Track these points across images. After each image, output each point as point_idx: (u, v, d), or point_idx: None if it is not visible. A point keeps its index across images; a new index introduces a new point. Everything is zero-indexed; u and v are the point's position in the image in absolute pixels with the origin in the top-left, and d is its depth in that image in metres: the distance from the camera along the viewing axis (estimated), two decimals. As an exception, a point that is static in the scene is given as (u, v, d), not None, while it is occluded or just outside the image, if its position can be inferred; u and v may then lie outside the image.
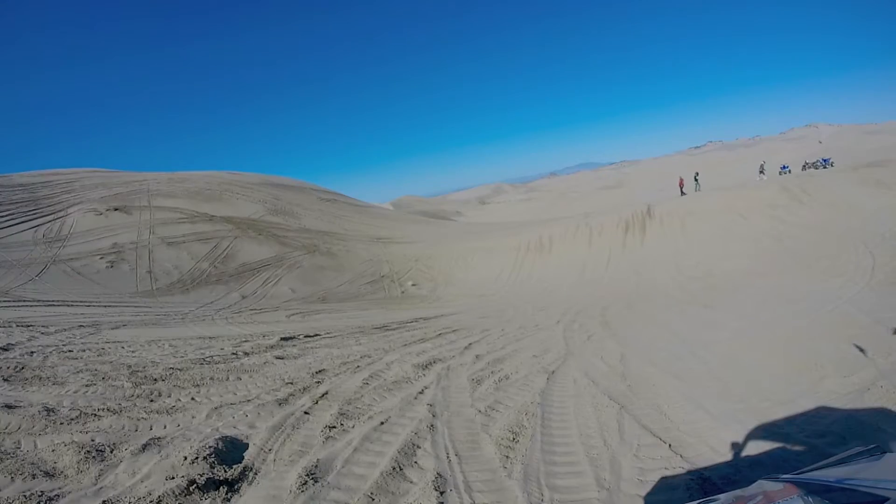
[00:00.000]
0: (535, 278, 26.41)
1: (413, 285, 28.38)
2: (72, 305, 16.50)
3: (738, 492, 2.27)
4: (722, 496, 2.29)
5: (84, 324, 12.67)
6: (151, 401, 6.39)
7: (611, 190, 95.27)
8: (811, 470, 2.27)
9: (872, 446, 2.33)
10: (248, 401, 6.53)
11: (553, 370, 8.43)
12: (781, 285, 14.92)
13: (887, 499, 1.58)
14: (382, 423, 5.95)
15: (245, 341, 11.00)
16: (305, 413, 6.18)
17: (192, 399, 6.55)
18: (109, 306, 17.33)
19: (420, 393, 7.18)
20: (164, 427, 5.61)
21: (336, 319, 17.41)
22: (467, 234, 42.25)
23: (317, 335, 12.20)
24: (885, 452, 2.21)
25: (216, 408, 6.22)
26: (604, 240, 28.38)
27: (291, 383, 7.40)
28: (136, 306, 18.22)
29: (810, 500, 1.80)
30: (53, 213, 31.63)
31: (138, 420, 5.72)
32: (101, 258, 25.18)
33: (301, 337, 11.75)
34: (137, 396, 6.50)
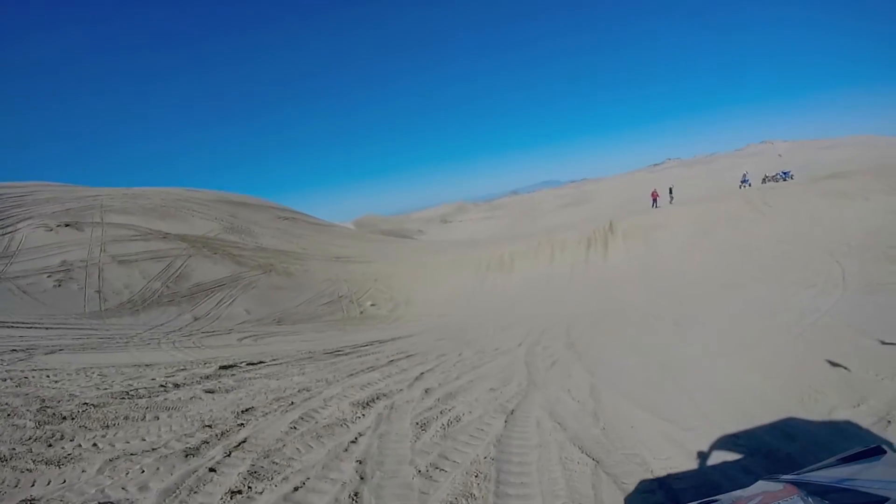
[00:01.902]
0: (497, 296, 25.40)
1: (372, 305, 27.25)
2: (12, 327, 15.31)
3: (738, 492, 2.25)
4: (722, 496, 2.24)
5: (18, 347, 11.91)
6: (49, 445, 5.56)
7: (573, 207, 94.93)
8: (811, 470, 2.25)
9: (872, 446, 2.28)
10: (154, 449, 5.55)
11: (513, 408, 7.22)
12: (753, 298, 14.22)
13: (887, 499, 1.56)
14: (296, 489, 4.78)
15: (182, 370, 9.99)
16: (211, 470, 5.07)
17: (94, 445, 5.64)
18: (51, 328, 16.19)
19: (353, 442, 5.95)
20: (48, 484, 4.76)
21: (289, 343, 16.40)
22: (428, 252, 41.04)
23: (261, 362, 11.11)
24: (885, 453, 2.19)
25: (112, 459, 5.25)
26: (566, 256, 27.76)
27: (210, 426, 6.31)
28: (80, 329, 17.12)
29: (810, 500, 1.79)
30: (2, 227, 29.68)
31: (23, 472, 4.94)
32: (49, 276, 23.68)
33: (243, 365, 10.70)
34: (36, 439, 5.69)
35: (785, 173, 38.30)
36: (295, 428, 6.35)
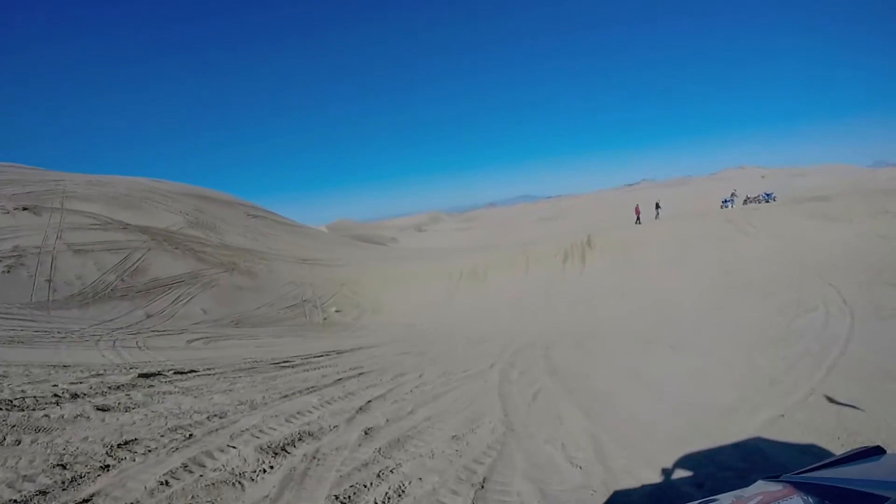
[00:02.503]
0: (469, 308, 24.12)
1: (337, 311, 25.98)
2: (-55, 312, 13.87)
3: (738, 492, 2.20)
4: (722, 496, 2.17)
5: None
6: None
7: (550, 221, 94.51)
8: (811, 470, 2.19)
9: (872, 446, 2.24)
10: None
11: (483, 477, 5.24)
12: (750, 320, 13.13)
13: (887, 499, 1.56)
14: None
15: (97, 375, 8.52)
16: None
17: None
18: (-12, 316, 15.07)
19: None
20: None
21: (240, 348, 14.97)
22: (400, 259, 39.74)
23: (192, 371, 9.54)
24: (885, 453, 2.18)
25: None
26: (541, 269, 26.69)
27: (65, 465, 4.76)
28: (19, 319, 16.08)
29: (810, 500, 1.80)
30: (-44, 208, 28.29)
31: None
32: (-1, 261, 22.30)
33: (169, 373, 9.12)
34: None
35: (767, 195, 37.60)
36: (167, 483, 4.68)
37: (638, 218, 35.81)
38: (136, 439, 5.61)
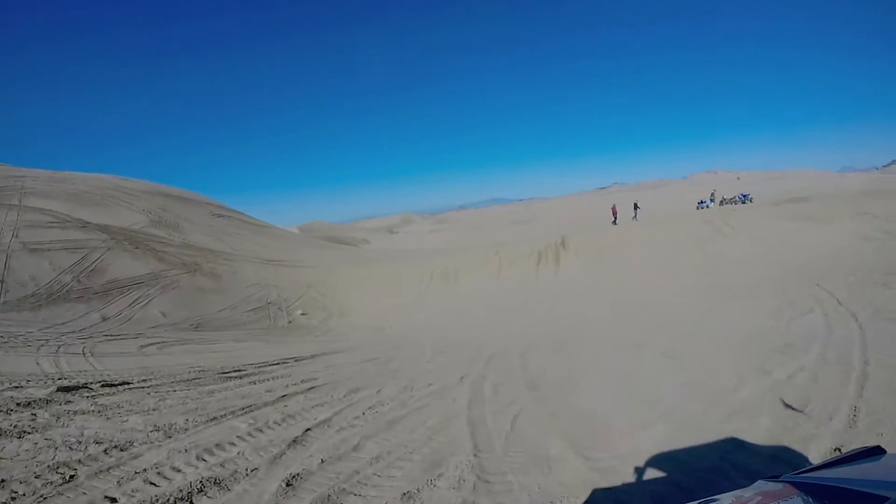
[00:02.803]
0: (439, 311, 23.17)
1: (303, 314, 25.03)
2: None
3: (738, 492, 2.17)
4: (721, 496, 2.13)
5: None
6: None
7: (522, 224, 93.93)
8: (811, 470, 2.20)
9: (872, 446, 2.23)
10: None
11: None
12: (742, 323, 12.00)
13: (887, 499, 1.54)
14: None
15: (14, 387, 7.79)
16: None
17: None
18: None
19: None
20: None
21: (193, 354, 14.07)
22: (369, 260, 38.60)
23: (123, 384, 8.57)
24: (885, 453, 2.17)
25: None
26: (514, 271, 25.87)
27: None
28: None
29: (810, 500, 1.79)
30: None
31: None
32: (-50, 261, 21.94)
33: (95, 385, 8.35)
34: None
35: (744, 196, 37.17)
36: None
37: (615, 218, 35.24)
38: (2, 480, 4.45)
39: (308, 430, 6.47)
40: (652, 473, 5.28)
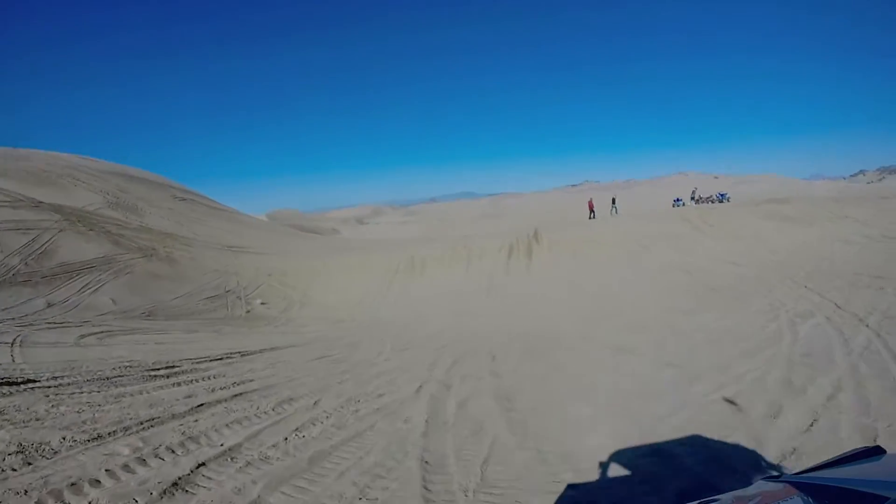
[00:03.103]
0: (404, 304, 22.09)
1: (262, 304, 23.85)
2: None
3: (738, 492, 2.18)
4: (721, 496, 2.12)
5: None
6: None
7: (492, 218, 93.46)
8: (810, 471, 2.18)
9: (872, 446, 2.19)
10: None
11: None
12: (736, 326, 11.07)
13: (887, 499, 1.52)
14: None
15: None
16: None
17: None
18: None
19: None
20: None
21: (134, 346, 12.72)
22: (335, 249, 37.14)
23: (28, 382, 7.31)
24: (885, 453, 2.13)
25: None
26: (484, 264, 24.81)
27: None
28: None
29: (810, 500, 1.79)
30: None
31: None
32: None
33: None
34: None
35: (721, 195, 36.57)
36: None
37: (592, 212, 34.25)
38: None
39: (202, 465, 4.97)
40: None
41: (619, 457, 5.54)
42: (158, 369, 9.12)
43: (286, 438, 5.92)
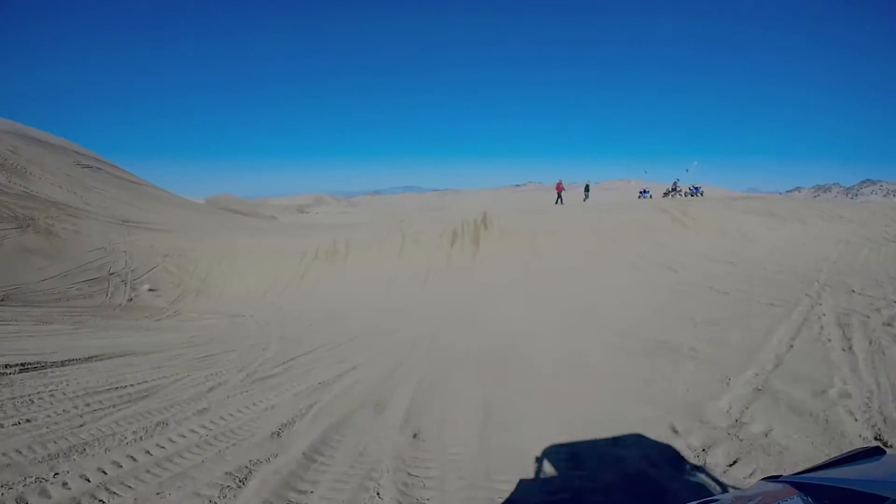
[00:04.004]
0: (318, 297, 18.12)
1: (151, 290, 19.49)
2: None
3: (738, 492, 2.31)
4: (722, 496, 2.24)
5: None
6: None
7: (437, 210, 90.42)
8: (811, 471, 2.16)
9: (872, 446, 2.12)
10: None
11: None
12: (762, 337, 7.75)
13: (887, 499, 1.54)
14: None
15: None
16: None
17: None
18: None
19: None
20: None
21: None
22: (252, 230, 32.61)
23: None
24: (885, 453, 2.10)
25: None
26: (421, 251, 20.97)
27: None
28: None
29: (810, 500, 1.78)
30: None
31: None
32: None
33: None
34: None
35: (696, 188, 32.77)
36: None
37: (559, 197, 30.53)
38: None
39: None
40: None
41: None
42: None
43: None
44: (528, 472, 4.80)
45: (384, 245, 21.44)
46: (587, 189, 32.07)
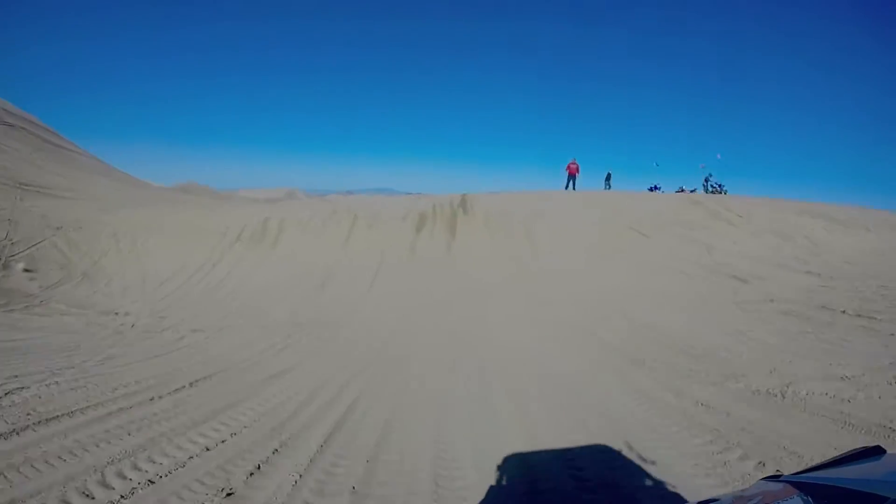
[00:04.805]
0: (224, 293, 13.06)
1: (27, 271, 14.75)
2: None
3: (738, 492, 2.07)
4: (722, 497, 1.98)
5: None
6: None
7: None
8: (811, 471, 2.00)
9: (872, 446, 1.97)
10: None
11: None
12: None
13: (887, 498, 1.40)
14: None
15: None
16: None
17: None
18: None
19: None
20: None
21: None
22: (173, 203, 26.60)
23: None
24: (885, 452, 1.93)
25: None
26: (375, 237, 15.81)
27: None
28: None
29: (809, 500, 1.65)
30: None
31: None
32: None
33: None
34: None
35: (719, 184, 27.30)
36: None
37: (571, 181, 23.83)
38: None
39: None
40: None
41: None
42: None
43: None
44: None
45: (326, 227, 16.46)
46: (609, 179, 26.50)
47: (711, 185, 25.75)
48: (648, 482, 3.89)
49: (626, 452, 4.36)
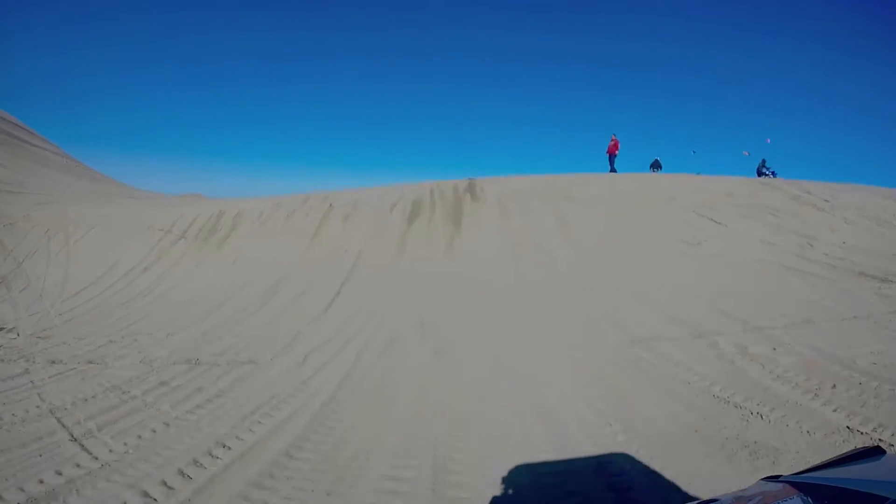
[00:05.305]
0: (149, 299, 10.10)
1: (-67, 276, 11.85)
2: None
3: (738, 492, 2.03)
4: (722, 497, 1.97)
5: None
6: None
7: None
8: (811, 471, 2.00)
9: (872, 446, 2.01)
10: None
11: None
12: None
13: (887, 499, 1.41)
14: None
15: None
16: None
17: None
18: None
19: None
20: None
21: None
22: (122, 198, 23.18)
23: None
24: (885, 453, 1.96)
25: None
26: (350, 232, 12.36)
27: None
28: None
29: (809, 500, 1.66)
30: None
31: None
32: None
33: None
34: None
35: (773, 171, 23.66)
36: None
37: (612, 161, 19.96)
38: None
39: None
40: None
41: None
42: None
43: None
44: None
45: (291, 221, 13.06)
46: (657, 167, 22.67)
47: (765, 171, 22.27)
48: None
49: None
